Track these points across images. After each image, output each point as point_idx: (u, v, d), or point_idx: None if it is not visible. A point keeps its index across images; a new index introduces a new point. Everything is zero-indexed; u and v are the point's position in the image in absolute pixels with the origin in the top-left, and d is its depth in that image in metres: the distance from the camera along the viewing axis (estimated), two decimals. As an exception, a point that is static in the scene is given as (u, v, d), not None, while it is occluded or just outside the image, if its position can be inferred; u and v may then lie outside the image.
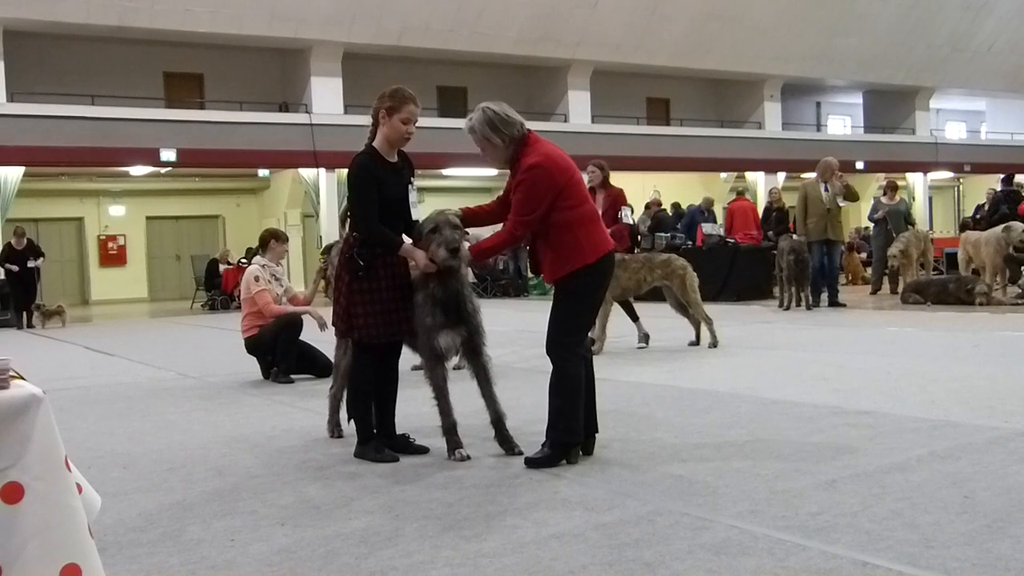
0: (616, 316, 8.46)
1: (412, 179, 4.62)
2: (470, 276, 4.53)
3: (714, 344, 8.31)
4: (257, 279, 7.57)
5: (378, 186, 4.40)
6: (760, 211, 17.62)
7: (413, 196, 4.57)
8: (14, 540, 2.06)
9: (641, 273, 8.38)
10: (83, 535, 2.15)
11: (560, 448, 4.16)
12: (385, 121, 4.45)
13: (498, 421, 4.45)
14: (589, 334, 4.48)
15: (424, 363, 4.52)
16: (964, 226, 17.25)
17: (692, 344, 8.55)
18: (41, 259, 16.19)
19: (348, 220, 4.85)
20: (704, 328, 8.46)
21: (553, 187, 4.11)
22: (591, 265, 4.17)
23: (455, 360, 4.63)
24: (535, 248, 4.31)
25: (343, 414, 4.93)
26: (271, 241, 7.83)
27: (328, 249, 7.14)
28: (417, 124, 4.50)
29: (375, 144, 4.50)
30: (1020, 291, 12.13)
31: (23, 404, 2.13)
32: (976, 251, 12.77)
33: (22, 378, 2.26)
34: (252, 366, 7.72)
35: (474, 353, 4.48)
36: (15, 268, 15.67)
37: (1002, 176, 16.11)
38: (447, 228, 4.30)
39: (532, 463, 4.14)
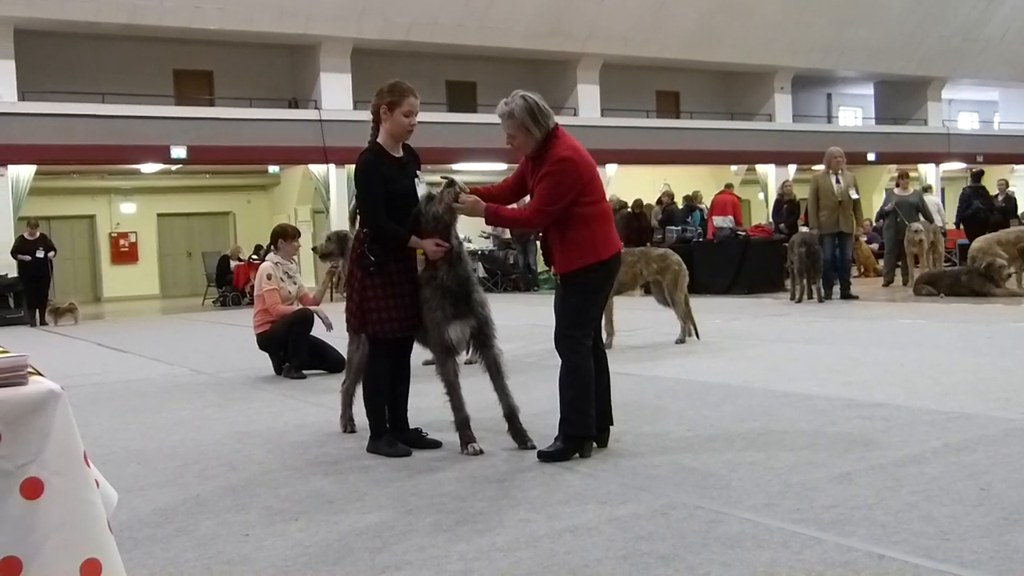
0: (625, 311, 8.38)
1: (419, 172, 4.63)
2: (480, 271, 4.51)
3: (682, 340, 8.19)
4: (269, 277, 7.57)
5: (385, 182, 4.41)
6: (771, 204, 17.58)
7: (421, 189, 4.58)
8: (35, 535, 2.07)
9: (638, 267, 8.26)
10: (103, 530, 2.16)
11: (573, 441, 4.16)
12: (387, 117, 4.46)
13: (511, 414, 4.44)
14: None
15: (435, 358, 4.52)
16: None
17: (679, 342, 8.30)
18: (53, 252, 16.27)
19: (358, 217, 4.86)
20: (683, 323, 8.30)
21: (578, 182, 4.13)
22: (604, 261, 4.20)
23: (467, 355, 4.63)
24: (549, 239, 4.29)
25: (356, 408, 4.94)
26: (279, 239, 7.82)
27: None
28: (428, 120, 4.50)
29: (379, 140, 4.51)
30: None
31: (42, 400, 2.14)
32: (1008, 249, 12.51)
33: (40, 374, 2.27)
34: (264, 362, 7.74)
35: (484, 346, 4.47)
36: (27, 258, 15.77)
37: (972, 172, 16.01)
38: (443, 191, 4.37)
39: (545, 457, 4.15)
